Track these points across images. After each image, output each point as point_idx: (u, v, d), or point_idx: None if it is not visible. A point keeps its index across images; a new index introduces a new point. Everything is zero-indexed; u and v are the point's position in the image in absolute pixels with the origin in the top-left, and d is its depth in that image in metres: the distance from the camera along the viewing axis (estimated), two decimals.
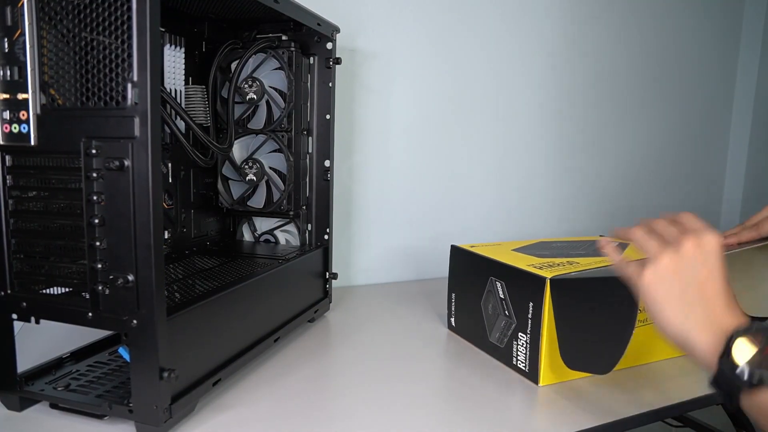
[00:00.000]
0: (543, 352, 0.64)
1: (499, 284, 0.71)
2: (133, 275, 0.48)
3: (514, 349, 0.68)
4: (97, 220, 0.48)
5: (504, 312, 0.70)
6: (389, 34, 1.06)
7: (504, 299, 0.70)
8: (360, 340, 0.79)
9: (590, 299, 0.61)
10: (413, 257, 1.15)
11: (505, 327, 0.70)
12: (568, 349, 0.63)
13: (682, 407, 0.63)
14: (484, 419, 0.58)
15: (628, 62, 1.38)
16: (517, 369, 0.68)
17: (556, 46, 1.25)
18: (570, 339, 0.62)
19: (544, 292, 0.62)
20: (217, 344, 0.61)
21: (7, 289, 0.53)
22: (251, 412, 0.58)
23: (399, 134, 1.10)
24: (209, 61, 0.78)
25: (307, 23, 0.77)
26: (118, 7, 0.46)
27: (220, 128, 0.80)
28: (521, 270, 0.67)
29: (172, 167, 0.73)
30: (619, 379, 0.68)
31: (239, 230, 0.90)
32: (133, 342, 0.49)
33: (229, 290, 0.62)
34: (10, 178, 0.52)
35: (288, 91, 0.78)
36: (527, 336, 0.66)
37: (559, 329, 0.63)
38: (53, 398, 0.55)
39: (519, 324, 0.67)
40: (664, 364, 0.73)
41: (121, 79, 0.46)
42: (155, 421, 0.50)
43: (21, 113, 0.50)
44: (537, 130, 1.27)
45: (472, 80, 1.16)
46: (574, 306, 0.62)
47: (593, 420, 0.58)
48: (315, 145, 0.86)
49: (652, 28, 1.40)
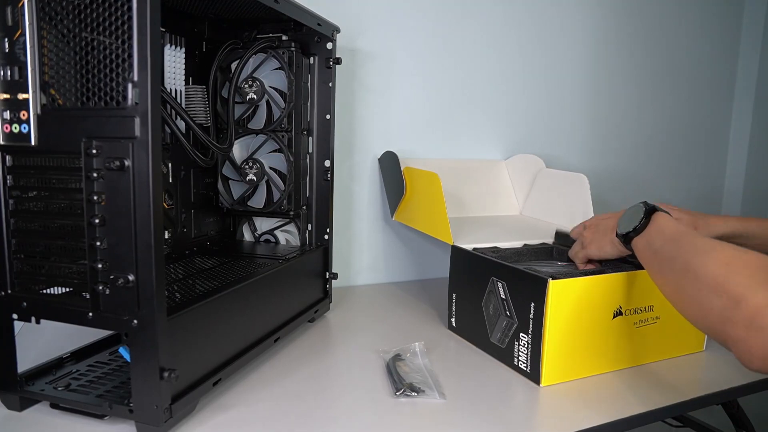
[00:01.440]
0: (545, 353, 0.64)
1: (500, 284, 0.71)
2: (133, 275, 0.48)
3: (516, 350, 0.68)
4: (98, 220, 0.48)
5: (505, 312, 0.70)
6: (389, 34, 1.06)
7: (505, 300, 0.70)
8: (360, 341, 0.79)
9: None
10: (413, 257, 1.15)
11: (507, 327, 0.70)
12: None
13: (682, 407, 0.64)
14: (485, 420, 0.58)
15: (629, 60, 1.38)
16: (518, 369, 0.68)
17: (556, 46, 1.26)
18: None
19: (546, 293, 0.63)
20: (218, 344, 0.61)
21: (7, 289, 0.53)
22: (251, 412, 0.58)
23: (399, 134, 1.10)
24: (209, 61, 0.78)
25: (308, 23, 0.77)
26: (119, 7, 0.46)
27: (220, 128, 0.80)
28: (523, 271, 0.67)
29: (172, 167, 0.73)
30: (622, 379, 0.68)
31: (239, 230, 0.90)
32: (134, 342, 0.49)
33: (229, 290, 0.62)
34: (10, 178, 0.52)
35: (288, 91, 0.78)
36: (529, 336, 0.66)
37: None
38: (53, 398, 0.55)
39: (520, 324, 0.67)
40: (665, 363, 0.73)
41: (122, 79, 0.46)
42: (155, 421, 0.50)
43: (21, 113, 0.50)
44: (537, 129, 1.27)
45: (471, 80, 1.16)
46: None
47: (596, 420, 0.58)
48: (315, 145, 0.86)
49: (653, 25, 1.40)
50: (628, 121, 1.42)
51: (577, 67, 1.30)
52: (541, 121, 1.27)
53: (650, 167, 1.49)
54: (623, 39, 1.36)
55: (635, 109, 1.42)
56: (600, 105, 1.36)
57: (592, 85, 1.33)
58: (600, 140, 1.38)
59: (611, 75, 1.36)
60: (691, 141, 1.55)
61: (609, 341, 0.68)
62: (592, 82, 1.33)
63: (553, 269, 0.72)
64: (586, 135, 1.35)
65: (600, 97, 1.35)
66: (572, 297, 0.64)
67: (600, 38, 1.32)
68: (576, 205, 0.96)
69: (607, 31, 1.33)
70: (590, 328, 0.66)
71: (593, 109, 1.35)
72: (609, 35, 1.33)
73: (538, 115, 1.26)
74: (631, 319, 0.69)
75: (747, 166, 1.60)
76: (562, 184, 1.02)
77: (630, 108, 1.41)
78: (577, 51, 1.29)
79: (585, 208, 0.94)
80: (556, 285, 0.62)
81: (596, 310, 0.66)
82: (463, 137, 1.18)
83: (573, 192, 0.98)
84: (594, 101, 1.34)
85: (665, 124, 1.49)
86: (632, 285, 0.68)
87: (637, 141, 1.45)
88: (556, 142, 1.30)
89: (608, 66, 1.35)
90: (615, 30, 1.34)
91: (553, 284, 0.62)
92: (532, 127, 1.26)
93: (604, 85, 1.35)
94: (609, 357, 0.69)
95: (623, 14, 1.35)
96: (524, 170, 1.15)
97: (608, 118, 1.38)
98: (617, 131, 1.40)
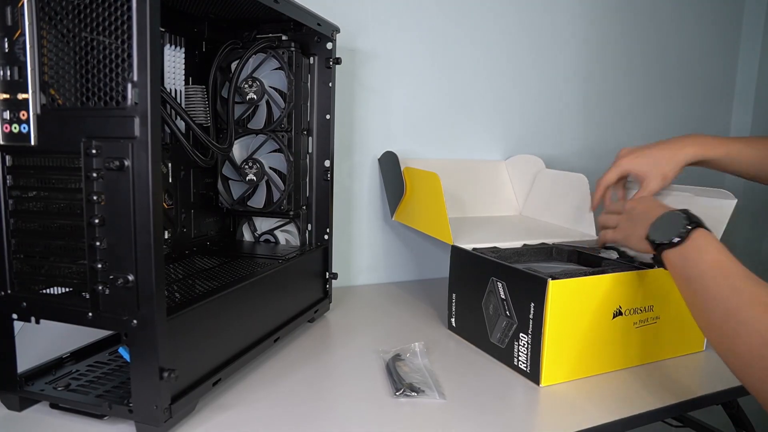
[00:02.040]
0: (545, 353, 0.64)
1: (500, 285, 0.71)
2: (133, 275, 0.48)
3: (515, 350, 0.68)
4: (97, 220, 0.48)
5: (505, 312, 0.70)
6: (389, 34, 1.06)
7: (505, 300, 0.70)
8: (360, 341, 0.79)
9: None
10: (413, 257, 1.15)
11: (506, 327, 0.70)
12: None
13: (682, 407, 0.64)
14: (485, 420, 0.58)
15: (627, 61, 1.38)
16: (518, 369, 0.68)
17: (555, 45, 1.25)
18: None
19: (546, 293, 0.63)
20: (217, 344, 0.61)
21: (7, 289, 0.53)
22: (251, 412, 0.58)
23: (399, 134, 1.10)
24: (209, 61, 0.78)
25: (307, 23, 0.77)
26: (118, 7, 0.46)
27: (220, 128, 0.80)
28: (523, 271, 0.67)
29: (172, 167, 0.73)
30: (622, 379, 0.68)
31: (239, 230, 0.90)
32: (133, 342, 0.49)
33: (229, 290, 0.62)
34: (10, 178, 0.52)
35: (288, 91, 0.78)
36: (528, 336, 0.66)
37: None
38: (53, 398, 0.55)
39: (520, 324, 0.67)
40: (667, 363, 0.73)
41: (121, 79, 0.46)
42: (155, 421, 0.50)
43: (21, 113, 0.50)
44: (537, 129, 1.27)
45: (471, 80, 1.16)
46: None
47: (596, 419, 0.58)
48: (315, 145, 0.86)
49: (653, 25, 1.40)
50: (627, 121, 1.42)
51: (577, 67, 1.30)
52: (542, 121, 1.27)
53: None
54: (623, 39, 1.36)
55: (635, 109, 1.42)
56: (600, 105, 1.36)
57: (591, 85, 1.33)
58: (600, 140, 1.38)
59: (611, 75, 1.36)
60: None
61: (609, 341, 0.68)
62: (591, 82, 1.33)
63: (552, 269, 0.72)
64: (586, 135, 1.35)
65: (600, 97, 1.35)
66: (572, 297, 0.64)
67: (600, 38, 1.32)
68: (576, 205, 0.96)
69: (607, 31, 1.33)
70: (590, 328, 0.66)
71: (593, 109, 1.35)
72: (609, 35, 1.33)
73: (539, 115, 1.26)
74: (631, 319, 0.69)
75: None
76: (562, 185, 1.02)
77: (630, 108, 1.41)
78: (577, 51, 1.29)
79: (584, 208, 0.94)
80: (556, 285, 0.62)
81: (596, 310, 0.66)
82: (463, 137, 1.18)
83: (573, 192, 0.98)
84: (594, 101, 1.34)
85: (665, 124, 1.49)
86: (632, 285, 0.68)
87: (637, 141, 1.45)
88: (558, 143, 1.30)
89: (608, 66, 1.35)
90: (615, 30, 1.34)
91: (553, 284, 0.62)
92: (533, 127, 1.26)
93: (604, 86, 1.35)
94: (609, 357, 0.69)
95: (623, 14, 1.34)
96: (524, 170, 1.15)
97: (608, 118, 1.38)
98: (617, 131, 1.40)
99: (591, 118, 1.35)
